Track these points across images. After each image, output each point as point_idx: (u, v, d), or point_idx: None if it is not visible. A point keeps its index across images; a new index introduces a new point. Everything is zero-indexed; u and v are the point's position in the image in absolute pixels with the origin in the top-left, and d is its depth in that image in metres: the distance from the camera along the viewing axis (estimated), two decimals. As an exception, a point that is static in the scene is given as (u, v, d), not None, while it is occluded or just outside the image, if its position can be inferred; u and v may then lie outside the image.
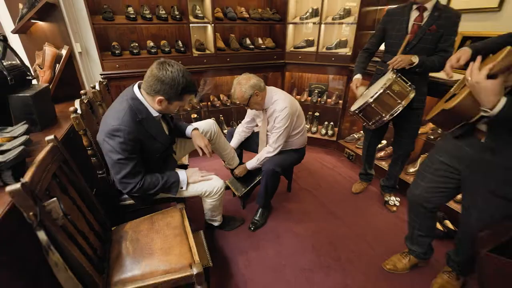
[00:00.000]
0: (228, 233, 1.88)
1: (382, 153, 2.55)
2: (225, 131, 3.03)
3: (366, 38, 2.56)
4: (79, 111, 1.27)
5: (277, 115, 1.75)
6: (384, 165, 2.44)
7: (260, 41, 2.82)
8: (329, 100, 3.02)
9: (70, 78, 1.73)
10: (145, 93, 1.20)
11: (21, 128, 1.00)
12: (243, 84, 1.69)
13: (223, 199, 1.67)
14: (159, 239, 1.21)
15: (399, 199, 2.15)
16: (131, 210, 1.53)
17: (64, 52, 1.67)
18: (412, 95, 1.63)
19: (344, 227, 1.96)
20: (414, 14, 1.62)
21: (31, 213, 0.74)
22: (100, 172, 1.38)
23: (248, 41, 2.76)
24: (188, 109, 2.75)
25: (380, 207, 2.16)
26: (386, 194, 2.19)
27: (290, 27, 2.83)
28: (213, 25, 2.43)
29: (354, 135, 2.93)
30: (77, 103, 1.29)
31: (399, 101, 1.64)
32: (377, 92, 1.66)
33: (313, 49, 2.76)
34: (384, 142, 2.64)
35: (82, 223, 1.04)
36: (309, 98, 3.08)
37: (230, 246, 1.78)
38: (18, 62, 1.27)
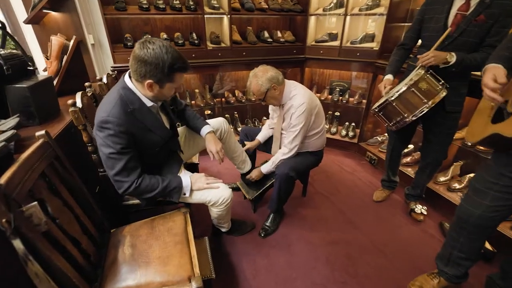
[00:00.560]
0: (236, 238, 1.77)
1: (408, 159, 2.33)
2: (239, 129, 2.92)
3: (397, 31, 2.33)
4: (79, 104, 1.19)
5: (294, 111, 1.60)
6: (410, 172, 2.22)
7: (279, 34, 2.65)
8: (351, 99, 2.81)
9: (78, 70, 1.68)
10: (135, 81, 1.09)
11: (11, 121, 0.92)
12: (259, 76, 1.56)
13: (230, 208, 1.52)
14: (158, 247, 1.10)
15: (426, 208, 1.93)
16: (134, 211, 1.45)
17: (71, 42, 1.61)
18: (442, 94, 1.44)
19: (363, 238, 1.78)
20: (459, 2, 1.39)
21: (3, 220, 0.65)
22: (101, 170, 1.29)
23: (266, 34, 2.61)
24: (202, 105, 2.65)
25: (404, 218, 1.96)
26: (411, 202, 1.98)
27: (312, 19, 2.63)
28: (229, 16, 2.30)
29: (377, 137, 2.71)
30: (78, 96, 1.21)
31: (425, 100, 1.45)
32: (400, 89, 1.48)
33: (336, 43, 2.55)
34: (411, 146, 2.41)
35: (74, 226, 0.95)
36: (330, 96, 2.88)
37: (238, 253, 1.67)
38: (19, 51, 1.21)
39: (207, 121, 1.63)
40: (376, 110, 1.63)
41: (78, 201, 1.03)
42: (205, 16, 2.25)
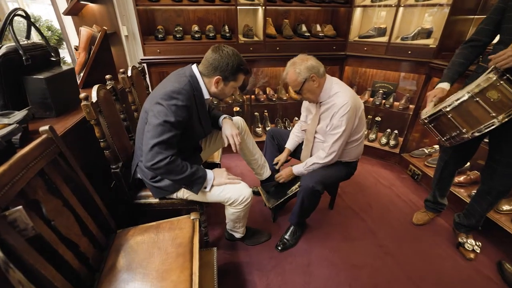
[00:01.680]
0: (251, 249, 1.64)
1: (461, 178, 1.97)
2: (268, 128, 2.77)
3: (463, 25, 1.96)
4: (94, 98, 1.16)
5: (336, 110, 1.41)
6: (463, 194, 1.88)
7: (318, 28, 2.41)
8: (396, 103, 2.49)
9: (106, 61, 1.67)
10: (203, 75, 1.22)
11: (19, 115, 0.89)
12: (298, 64, 1.40)
13: (249, 210, 1.43)
14: (159, 257, 1.02)
15: (480, 244, 1.60)
16: (145, 210, 1.40)
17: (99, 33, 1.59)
18: None
19: (396, 267, 1.54)
20: None
21: (-22, 226, 0.60)
22: (114, 166, 1.25)
23: (303, 28, 2.40)
24: (230, 101, 2.55)
25: (450, 250, 1.65)
26: (461, 234, 1.66)
27: (358, 12, 2.35)
28: (264, 7, 2.14)
29: (424, 149, 2.36)
30: (94, 89, 1.17)
31: (493, 114, 1.15)
32: (460, 98, 1.20)
33: (384, 39, 2.24)
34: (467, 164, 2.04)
35: (72, 228, 0.91)
36: (371, 99, 2.58)
37: (250, 265, 1.54)
38: (43, 41, 1.20)
39: None
40: (426, 121, 1.37)
41: (82, 201, 0.99)
42: (238, 7, 2.11)
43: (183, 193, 1.31)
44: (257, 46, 2.26)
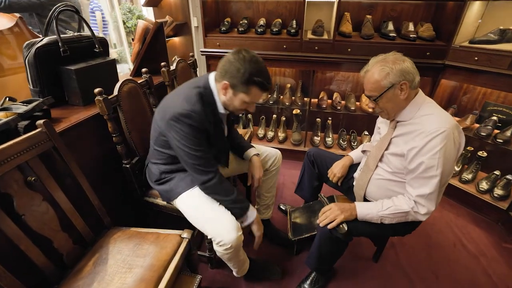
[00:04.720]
0: (256, 282, 1.42)
1: None
2: (329, 140, 2.39)
3: None
4: (115, 92, 1.15)
5: (424, 142, 0.99)
6: None
7: (410, 27, 1.85)
8: (517, 138, 1.73)
9: (159, 52, 1.70)
10: (216, 81, 1.08)
11: (31, 105, 0.94)
12: (389, 62, 1.01)
13: (236, 257, 1.17)
14: (122, 276, 0.93)
15: None
16: (155, 210, 1.37)
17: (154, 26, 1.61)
18: None
19: None
20: None
21: None
22: (125, 162, 1.24)
23: (389, 26, 1.89)
24: (287, 103, 2.30)
25: None
26: None
27: (475, 7, 1.68)
28: (338, 0, 1.76)
29: (553, 216, 1.56)
30: (118, 84, 1.17)
31: None
32: None
33: (511, 46, 1.54)
34: None
35: (49, 223, 0.90)
36: (476, 125, 1.88)
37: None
38: (89, 33, 1.26)
39: (261, 147, 1.49)
40: None
41: (76, 195, 0.99)
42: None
43: (177, 203, 1.19)
44: (323, 46, 1.91)
